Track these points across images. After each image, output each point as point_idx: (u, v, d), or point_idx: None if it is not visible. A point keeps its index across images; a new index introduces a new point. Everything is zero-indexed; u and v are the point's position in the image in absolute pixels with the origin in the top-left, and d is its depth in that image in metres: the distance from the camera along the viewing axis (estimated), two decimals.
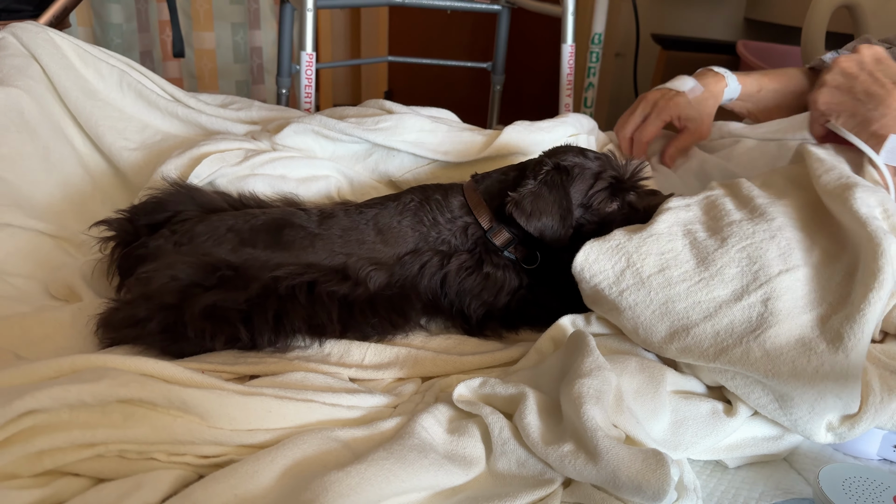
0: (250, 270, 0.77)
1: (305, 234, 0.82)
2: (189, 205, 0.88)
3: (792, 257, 0.70)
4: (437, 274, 0.84)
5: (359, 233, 0.84)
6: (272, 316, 0.73)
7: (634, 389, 0.67)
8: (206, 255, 0.78)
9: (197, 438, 0.55)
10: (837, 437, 0.64)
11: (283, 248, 0.80)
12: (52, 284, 0.92)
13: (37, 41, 1.13)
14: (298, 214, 0.84)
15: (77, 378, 0.53)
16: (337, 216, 0.85)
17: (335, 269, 0.80)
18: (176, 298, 0.72)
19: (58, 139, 1.10)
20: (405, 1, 1.84)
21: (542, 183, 0.82)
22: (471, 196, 0.87)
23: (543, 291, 0.86)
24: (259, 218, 0.83)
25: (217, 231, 0.81)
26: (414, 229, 0.85)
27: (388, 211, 0.86)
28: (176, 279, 0.75)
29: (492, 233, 0.86)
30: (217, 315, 0.72)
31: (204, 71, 2.64)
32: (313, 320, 0.76)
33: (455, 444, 0.62)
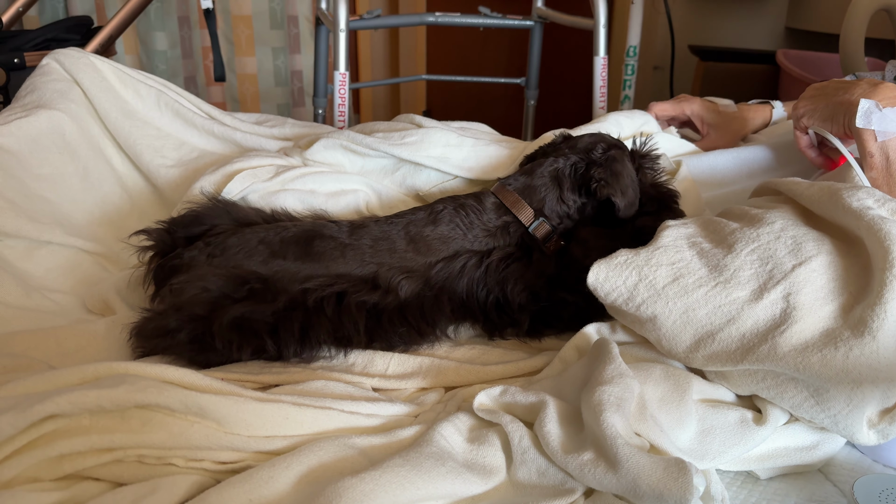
0: (280, 282, 0.78)
1: (336, 244, 0.83)
2: (224, 219, 0.90)
3: (803, 250, 0.68)
4: (478, 269, 0.85)
5: (390, 242, 0.84)
6: (298, 328, 0.74)
7: (659, 397, 0.66)
8: (237, 267, 0.80)
9: (214, 444, 0.55)
10: (880, 435, 0.62)
11: (314, 259, 0.81)
12: (88, 299, 0.95)
13: (78, 66, 1.17)
14: (329, 226, 0.85)
15: (97, 384, 0.54)
16: (368, 226, 0.86)
17: (365, 279, 0.81)
18: (205, 310, 0.74)
19: (97, 159, 1.14)
20: (438, 20, 1.85)
21: (614, 160, 0.88)
22: (507, 196, 0.89)
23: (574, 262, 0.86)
24: (290, 230, 0.84)
25: (249, 243, 0.82)
26: (448, 236, 0.86)
27: (419, 220, 0.87)
28: (206, 290, 0.76)
29: (534, 227, 0.87)
30: (245, 327, 0.73)
31: (246, 95, 2.70)
32: (339, 332, 0.77)
33: (475, 452, 0.62)
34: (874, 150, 0.81)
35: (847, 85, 0.87)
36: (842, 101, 0.85)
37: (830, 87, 0.89)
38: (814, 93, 0.92)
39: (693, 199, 1.01)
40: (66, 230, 1.03)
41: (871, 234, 0.65)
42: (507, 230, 0.87)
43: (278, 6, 2.61)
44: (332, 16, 1.60)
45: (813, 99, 0.91)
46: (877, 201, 0.70)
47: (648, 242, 0.75)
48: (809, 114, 0.90)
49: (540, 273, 0.85)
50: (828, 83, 0.91)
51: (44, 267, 0.99)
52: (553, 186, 0.89)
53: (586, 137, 0.94)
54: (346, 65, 1.59)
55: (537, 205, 0.89)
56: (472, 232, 0.86)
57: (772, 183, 0.82)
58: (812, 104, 0.90)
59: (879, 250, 0.64)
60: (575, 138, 0.96)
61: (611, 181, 0.86)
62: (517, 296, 0.84)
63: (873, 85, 0.84)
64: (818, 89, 0.92)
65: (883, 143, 0.81)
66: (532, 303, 0.85)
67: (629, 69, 2.00)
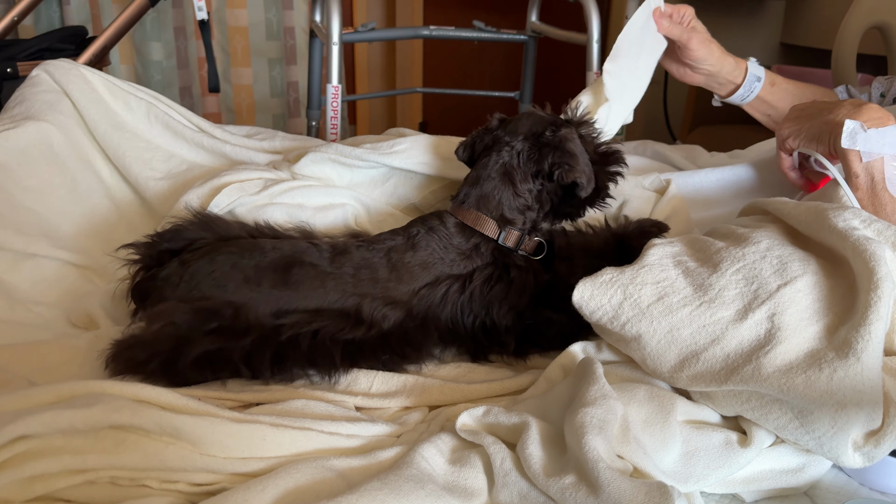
0: (252, 312, 0.76)
1: (316, 272, 0.80)
2: (205, 233, 0.89)
3: (788, 270, 0.68)
4: (461, 295, 0.83)
5: (372, 271, 0.82)
6: (270, 358, 0.73)
7: (643, 419, 0.65)
8: (206, 298, 0.77)
9: (189, 466, 0.54)
10: (866, 458, 0.61)
11: (291, 289, 0.78)
12: (72, 313, 0.94)
13: (68, 77, 1.17)
14: (309, 251, 0.83)
15: (70, 404, 0.53)
16: (349, 252, 0.83)
17: (346, 313, 0.79)
18: (170, 345, 0.72)
19: (85, 171, 1.13)
20: (432, 33, 1.86)
21: (567, 140, 0.86)
22: (466, 215, 0.87)
23: (560, 280, 0.85)
24: (267, 255, 0.81)
25: (220, 268, 0.80)
26: (428, 261, 0.84)
27: (399, 246, 0.85)
28: (173, 325, 0.74)
29: (503, 237, 0.86)
30: (214, 361, 0.72)
31: (241, 105, 2.70)
32: (315, 364, 0.75)
33: (456, 474, 0.61)
34: (859, 171, 0.81)
35: (831, 106, 0.87)
36: (826, 121, 0.85)
37: (814, 108, 0.90)
38: (798, 114, 0.92)
39: (682, 218, 1.01)
40: (52, 242, 1.03)
41: (857, 255, 0.65)
42: (478, 250, 0.86)
43: (275, 18, 2.62)
44: (326, 28, 1.60)
45: (797, 120, 0.91)
46: (863, 222, 0.70)
47: (634, 260, 0.75)
48: (795, 134, 0.91)
49: (522, 291, 0.84)
50: (811, 104, 0.92)
51: (30, 279, 0.98)
52: (505, 185, 0.87)
53: (524, 119, 0.91)
54: (340, 78, 1.59)
55: (496, 213, 0.86)
56: (449, 255, 0.85)
57: (759, 203, 0.82)
58: (797, 125, 0.90)
59: (864, 271, 0.64)
60: (513, 121, 0.92)
61: (572, 163, 0.84)
62: (503, 318, 0.83)
63: (857, 106, 0.84)
64: (801, 110, 0.92)
65: (868, 164, 0.81)
66: (518, 324, 0.84)
67: None
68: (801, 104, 0.93)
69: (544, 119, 0.91)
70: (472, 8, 3.26)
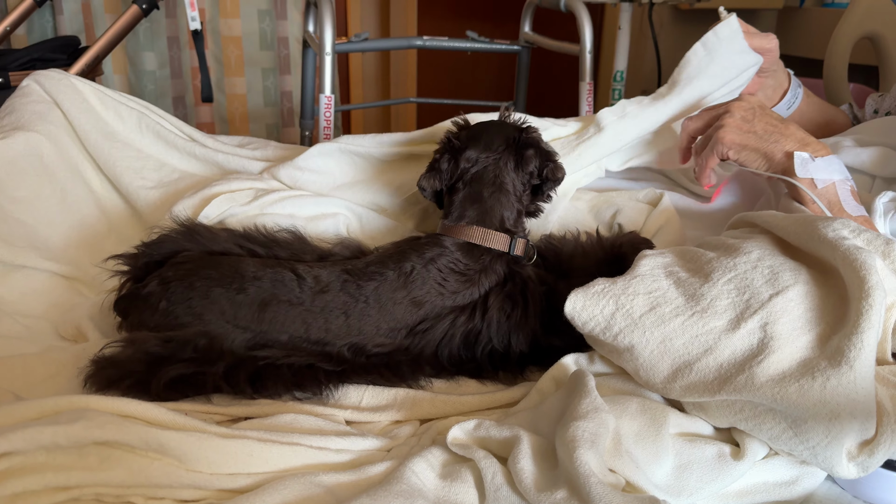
0: (225, 344, 0.74)
1: (297, 312, 0.77)
2: (190, 244, 0.87)
3: (780, 280, 0.68)
4: (468, 327, 0.80)
5: (358, 312, 0.78)
6: (246, 378, 0.71)
7: (635, 432, 0.64)
8: (182, 326, 0.76)
9: (175, 482, 0.53)
10: (860, 468, 0.61)
11: (267, 325, 0.76)
12: (61, 325, 0.93)
13: (59, 87, 1.16)
14: (290, 286, 0.78)
15: (54, 420, 0.53)
16: (333, 291, 0.79)
17: (329, 356, 0.77)
18: (142, 367, 0.71)
19: (75, 182, 1.12)
20: (425, 44, 1.86)
21: (538, 140, 0.90)
22: (471, 233, 0.84)
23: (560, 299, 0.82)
24: (246, 289, 0.78)
25: (199, 296, 0.77)
26: (423, 299, 0.80)
27: (388, 283, 0.80)
28: (147, 353, 0.73)
29: (514, 249, 0.85)
30: (189, 382, 0.71)
31: (235, 115, 2.70)
32: (300, 386, 0.73)
33: (446, 490, 0.60)
34: (816, 196, 0.86)
35: (777, 128, 0.93)
36: (769, 151, 0.92)
37: (759, 126, 0.93)
38: (741, 123, 0.95)
39: (674, 229, 1.01)
40: (41, 254, 1.02)
41: (847, 264, 0.65)
42: (491, 268, 0.83)
43: (268, 27, 2.62)
44: (319, 38, 1.59)
45: (741, 133, 0.94)
46: (852, 231, 0.70)
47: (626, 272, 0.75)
48: (737, 150, 0.94)
49: (538, 308, 0.82)
50: (753, 117, 0.95)
51: (17, 291, 0.97)
52: (503, 196, 0.86)
53: (491, 130, 0.90)
54: (333, 88, 1.59)
55: (500, 226, 0.85)
56: (450, 286, 0.81)
57: (747, 216, 0.82)
58: (743, 142, 0.93)
59: (855, 280, 0.64)
60: (478, 136, 0.90)
61: (555, 160, 0.89)
62: (519, 345, 0.80)
63: (784, 134, 0.92)
64: (744, 125, 0.94)
65: (823, 190, 0.87)
66: (533, 351, 0.81)
67: (616, 94, 2.01)
68: (739, 109, 0.96)
69: (510, 125, 0.93)
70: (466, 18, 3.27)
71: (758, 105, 0.98)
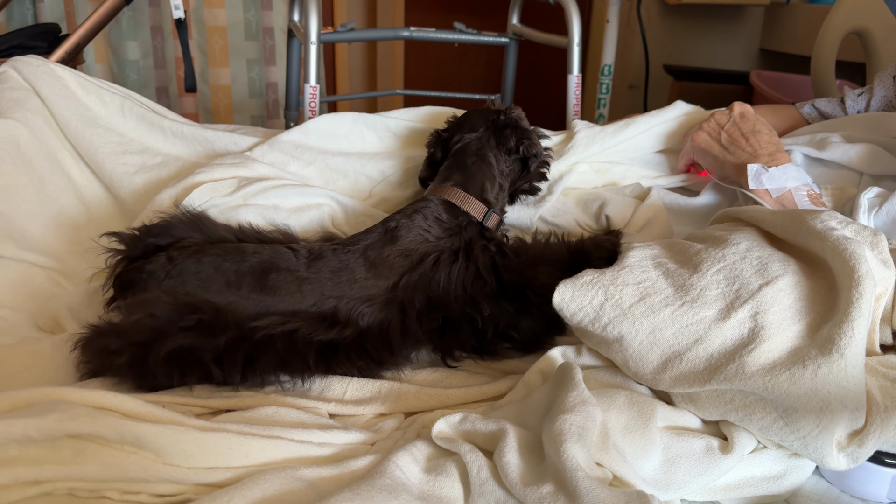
0: (231, 315, 0.75)
1: (293, 278, 0.80)
2: (194, 233, 0.88)
3: (769, 270, 0.68)
4: (455, 266, 0.84)
5: (349, 272, 0.81)
6: (242, 359, 0.71)
7: (623, 426, 0.64)
8: (189, 294, 0.77)
9: (151, 476, 0.52)
10: (850, 459, 0.60)
11: (268, 293, 0.78)
12: (38, 316, 0.91)
13: (37, 74, 1.14)
14: (286, 256, 0.82)
15: (26, 412, 0.51)
16: (325, 257, 0.82)
17: (323, 316, 0.78)
18: (146, 336, 0.71)
19: (54, 171, 1.10)
20: (412, 35, 1.84)
21: (521, 118, 1.00)
22: (453, 194, 0.91)
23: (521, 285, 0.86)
24: (247, 260, 0.81)
25: (205, 270, 0.79)
26: (410, 248, 0.84)
27: (375, 242, 0.84)
28: (152, 316, 0.73)
29: (487, 220, 0.91)
30: (186, 357, 0.70)
31: (219, 106, 2.67)
32: (289, 366, 0.74)
33: (431, 484, 0.59)
34: (773, 205, 0.89)
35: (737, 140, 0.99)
36: (723, 161, 0.98)
37: (724, 137, 1.00)
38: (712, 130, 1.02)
39: (662, 223, 1.00)
40: (18, 244, 1.00)
41: (837, 254, 0.65)
42: (465, 229, 0.88)
43: (253, 17, 2.59)
44: (304, 28, 1.57)
45: (709, 139, 1.02)
46: (840, 223, 0.69)
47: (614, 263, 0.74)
48: (700, 154, 1.03)
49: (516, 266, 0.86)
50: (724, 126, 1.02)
51: None
52: (486, 167, 0.94)
53: (475, 114, 1.01)
54: (318, 78, 1.57)
55: (480, 195, 0.92)
56: (434, 232, 0.86)
57: (732, 211, 0.82)
58: (707, 148, 1.02)
59: (845, 269, 0.63)
60: (464, 120, 1.01)
61: (532, 138, 0.97)
62: (511, 276, 0.84)
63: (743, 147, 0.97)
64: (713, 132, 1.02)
65: (779, 198, 0.89)
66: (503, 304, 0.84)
67: (604, 88, 2.00)
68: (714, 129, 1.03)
69: (492, 109, 1.01)
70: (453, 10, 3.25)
71: (738, 113, 1.03)
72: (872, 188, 0.89)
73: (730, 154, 0.98)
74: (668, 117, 1.14)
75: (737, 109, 1.03)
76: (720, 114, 1.04)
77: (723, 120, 1.02)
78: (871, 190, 0.89)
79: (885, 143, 1.00)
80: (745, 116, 1.02)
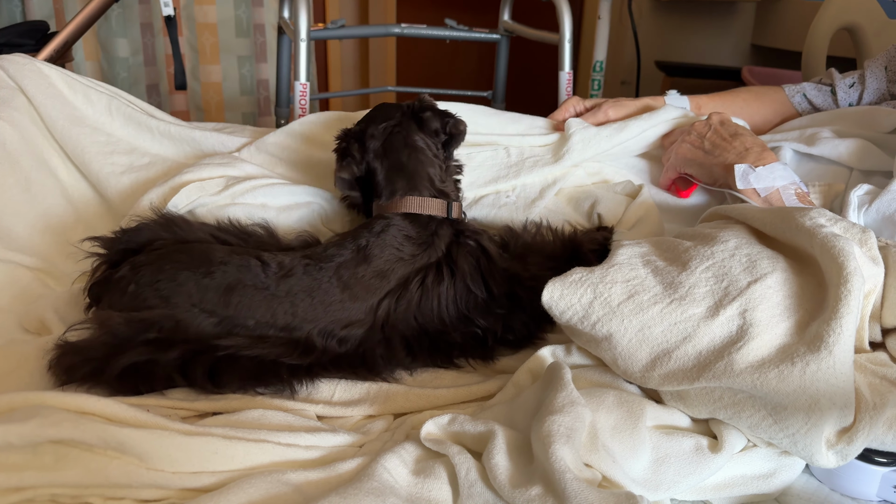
0: (191, 329, 0.72)
1: (262, 297, 0.75)
2: (165, 234, 0.86)
3: (758, 267, 0.68)
4: (442, 286, 0.80)
5: (323, 293, 0.77)
6: (205, 371, 0.70)
7: (612, 426, 0.63)
8: (149, 308, 0.74)
9: (135, 481, 0.51)
10: (839, 456, 0.60)
11: (234, 310, 0.75)
12: (24, 318, 0.90)
13: (23, 72, 1.13)
14: (255, 271, 0.77)
15: (6, 418, 0.50)
16: (296, 274, 0.78)
17: (296, 342, 0.75)
18: (102, 353, 0.70)
19: (40, 170, 1.09)
20: (403, 31, 1.83)
21: (433, 103, 0.96)
22: (407, 204, 0.85)
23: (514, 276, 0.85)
24: (213, 274, 0.76)
25: (167, 279, 0.76)
26: (385, 269, 0.80)
27: (349, 260, 0.80)
28: (108, 334, 0.71)
29: (452, 213, 0.87)
30: (142, 372, 0.69)
31: (210, 103, 2.66)
32: (261, 380, 0.71)
33: (419, 486, 0.59)
34: (760, 205, 0.88)
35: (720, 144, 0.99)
36: (711, 164, 0.98)
37: (707, 143, 1.00)
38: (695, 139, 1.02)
39: (653, 220, 1.00)
40: (4, 244, 0.99)
41: (825, 251, 0.65)
42: (439, 233, 0.84)
43: (244, 14, 2.57)
44: (294, 25, 1.56)
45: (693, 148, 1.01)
46: (829, 220, 0.69)
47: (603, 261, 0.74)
48: (686, 164, 1.03)
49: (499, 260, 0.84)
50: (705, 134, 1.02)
51: None
52: (420, 154, 0.89)
53: (382, 108, 0.95)
54: (308, 75, 1.56)
55: (431, 189, 0.87)
56: (408, 250, 0.81)
57: (721, 209, 0.82)
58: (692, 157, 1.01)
59: (833, 266, 0.63)
60: (368, 114, 0.95)
61: (451, 114, 0.94)
62: (501, 286, 0.81)
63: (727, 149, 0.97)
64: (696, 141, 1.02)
65: (766, 197, 0.90)
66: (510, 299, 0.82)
67: (596, 84, 2.00)
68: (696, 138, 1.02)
69: (396, 104, 0.96)
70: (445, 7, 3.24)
71: (718, 121, 1.03)
72: (863, 185, 0.89)
73: (715, 157, 0.98)
74: (661, 119, 1.12)
75: (715, 118, 1.04)
76: (700, 124, 1.04)
77: (703, 129, 1.02)
78: (861, 187, 0.89)
79: (874, 138, 1.00)
80: (724, 123, 1.03)
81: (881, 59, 1.14)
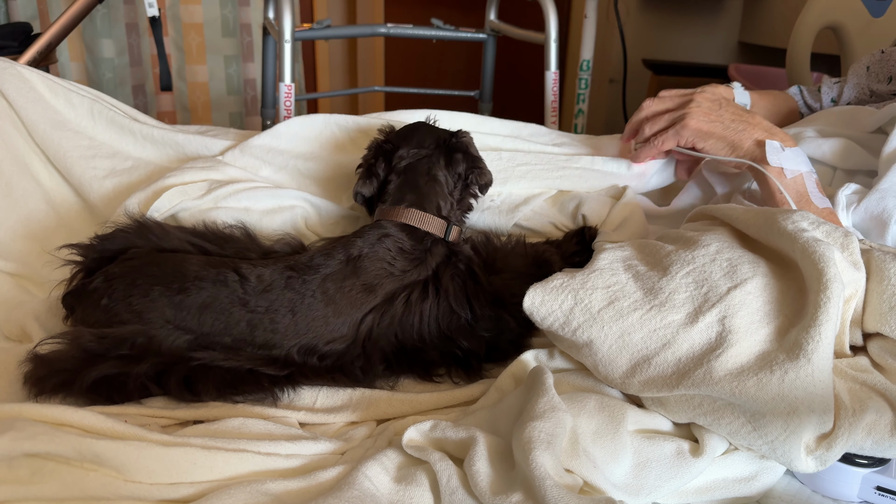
0: (164, 345, 0.71)
1: (240, 315, 0.74)
2: (140, 241, 0.84)
3: (738, 273, 0.67)
4: (426, 303, 0.79)
5: (305, 309, 0.75)
6: (177, 382, 0.69)
7: (593, 431, 0.63)
8: (122, 324, 0.73)
9: (112, 494, 0.51)
10: (818, 462, 0.60)
11: (209, 327, 0.73)
12: (5, 325, 0.89)
13: (4, 76, 1.12)
14: (232, 286, 0.75)
15: None
16: (276, 288, 0.75)
17: (274, 359, 0.74)
18: (72, 366, 0.69)
19: (22, 175, 1.08)
20: (389, 31, 1.83)
21: (469, 145, 0.93)
22: (409, 216, 0.85)
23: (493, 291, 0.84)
24: (187, 290, 0.74)
25: (140, 294, 0.75)
26: (373, 283, 0.78)
27: (336, 272, 0.78)
28: (83, 350, 0.71)
29: (449, 234, 0.86)
30: (113, 384, 0.68)
31: (197, 103, 2.64)
32: (238, 389, 0.70)
33: (401, 494, 0.58)
34: (785, 186, 0.86)
35: (743, 117, 0.94)
36: (736, 140, 0.93)
37: (726, 116, 0.95)
38: (708, 109, 0.95)
39: (638, 221, 1.00)
40: None
41: (806, 257, 0.64)
42: (435, 250, 0.83)
43: (231, 14, 2.56)
44: (278, 25, 1.56)
45: (708, 120, 0.95)
46: (811, 224, 0.69)
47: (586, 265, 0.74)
48: (702, 138, 0.95)
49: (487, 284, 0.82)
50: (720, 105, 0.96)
51: None
52: (438, 185, 0.89)
53: (422, 131, 0.94)
54: (292, 76, 1.55)
55: (437, 210, 0.87)
56: (399, 265, 0.80)
57: (707, 209, 0.81)
58: (708, 129, 0.94)
59: (814, 272, 0.63)
60: (409, 136, 0.93)
61: (481, 166, 0.92)
62: (483, 308, 0.80)
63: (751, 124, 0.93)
64: (711, 110, 0.95)
65: (793, 179, 0.87)
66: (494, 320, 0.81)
67: (583, 83, 2.00)
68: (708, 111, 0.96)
69: (438, 128, 0.95)
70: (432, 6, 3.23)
71: (723, 96, 0.98)
72: (850, 185, 0.89)
73: (741, 132, 0.92)
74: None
75: (718, 90, 0.99)
76: (703, 96, 0.98)
77: (713, 104, 0.97)
78: (848, 186, 0.89)
79: (857, 138, 1.00)
80: (729, 98, 0.99)
81: (864, 61, 1.15)
